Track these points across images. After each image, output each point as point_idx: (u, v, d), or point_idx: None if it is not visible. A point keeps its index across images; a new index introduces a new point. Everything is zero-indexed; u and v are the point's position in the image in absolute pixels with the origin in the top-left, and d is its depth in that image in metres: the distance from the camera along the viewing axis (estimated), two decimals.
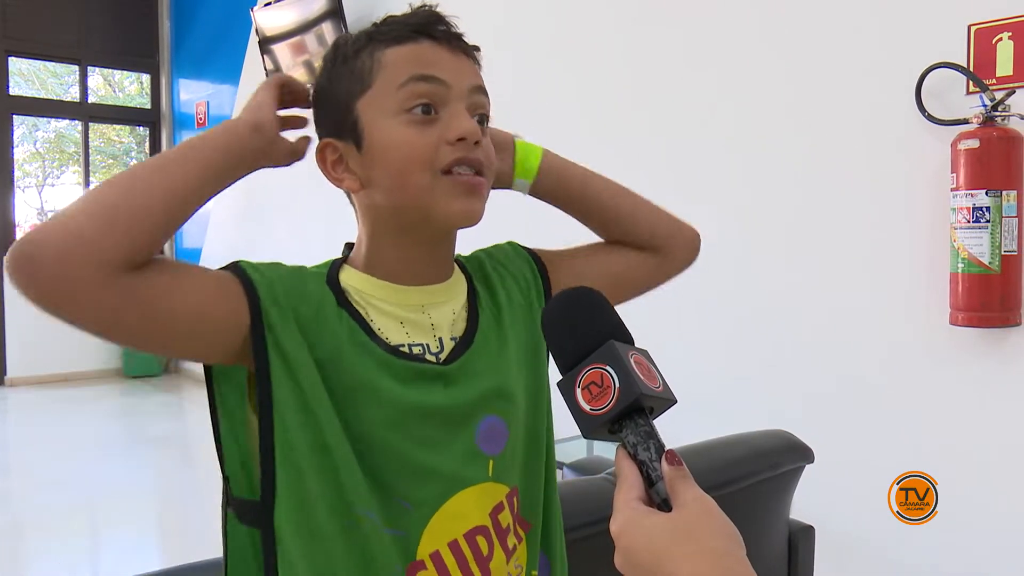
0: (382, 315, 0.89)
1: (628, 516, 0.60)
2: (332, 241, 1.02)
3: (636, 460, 0.63)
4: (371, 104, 0.86)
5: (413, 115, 0.84)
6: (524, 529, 0.95)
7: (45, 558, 3.49)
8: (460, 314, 0.94)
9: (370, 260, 0.91)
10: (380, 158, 0.86)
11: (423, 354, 0.88)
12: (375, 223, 0.91)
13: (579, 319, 0.69)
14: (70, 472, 4.48)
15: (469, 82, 0.87)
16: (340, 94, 0.89)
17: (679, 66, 3.25)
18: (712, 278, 3.11)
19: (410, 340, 0.88)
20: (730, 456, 1.70)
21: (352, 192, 0.91)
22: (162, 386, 6.88)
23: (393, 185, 0.86)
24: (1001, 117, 2.28)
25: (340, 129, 0.89)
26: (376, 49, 0.87)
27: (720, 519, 0.59)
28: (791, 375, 2.85)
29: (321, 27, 5.07)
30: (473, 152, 0.85)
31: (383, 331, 0.87)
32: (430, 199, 0.85)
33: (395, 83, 0.85)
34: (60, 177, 8.04)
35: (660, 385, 0.66)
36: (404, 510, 0.85)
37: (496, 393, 0.92)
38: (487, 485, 0.90)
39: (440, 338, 0.90)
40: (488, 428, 0.90)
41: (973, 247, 2.28)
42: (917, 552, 2.47)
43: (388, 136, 0.85)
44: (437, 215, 0.86)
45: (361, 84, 0.87)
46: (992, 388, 2.38)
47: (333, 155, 0.90)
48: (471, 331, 0.93)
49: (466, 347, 0.91)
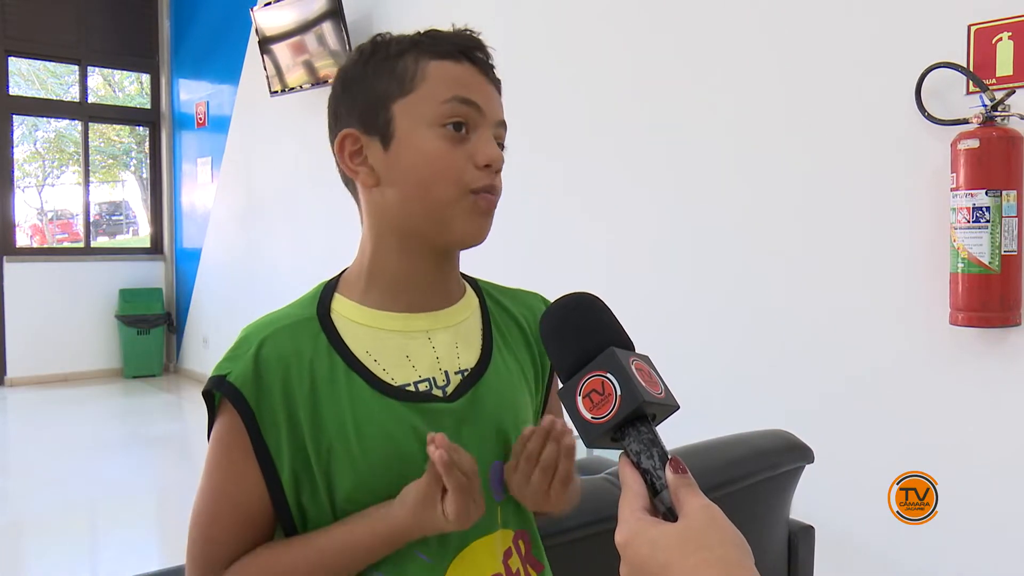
0: (386, 350, 0.89)
1: (633, 527, 0.58)
2: (332, 241, 1.03)
3: (640, 468, 0.62)
4: (409, 109, 0.88)
5: (447, 130, 0.87)
6: (537, 570, 0.95)
7: (45, 558, 3.49)
8: (469, 340, 0.94)
9: (372, 272, 0.91)
10: (408, 162, 0.88)
11: (430, 390, 0.89)
12: (381, 222, 0.91)
13: (579, 325, 0.69)
14: (70, 472, 4.48)
15: (498, 115, 0.92)
16: (377, 90, 0.90)
17: (679, 66, 3.24)
18: (712, 278, 3.11)
19: (417, 375, 0.89)
20: (730, 456, 1.70)
21: (364, 186, 0.91)
22: (162, 386, 6.87)
23: (414, 190, 0.88)
24: (1001, 117, 2.27)
25: (368, 123, 0.90)
26: (421, 57, 0.89)
27: (728, 528, 0.57)
28: (791, 375, 2.85)
29: (321, 27, 5.07)
30: (495, 179, 0.90)
31: (387, 370, 0.88)
32: (450, 213, 0.88)
33: (437, 97, 0.88)
34: (60, 177, 8.04)
35: (662, 391, 0.65)
36: (424, 564, 0.86)
37: (506, 430, 0.92)
38: (498, 533, 0.91)
39: (445, 371, 0.91)
40: (495, 473, 0.91)
41: (973, 247, 2.27)
42: (917, 552, 2.47)
43: (421, 144, 0.87)
44: (453, 229, 0.88)
45: (401, 87, 0.89)
46: (992, 388, 2.38)
47: (353, 146, 0.91)
48: (484, 359, 0.94)
49: (476, 378, 0.92)
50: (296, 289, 0.99)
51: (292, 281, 5.49)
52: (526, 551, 0.94)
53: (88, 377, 6.97)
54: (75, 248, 7.43)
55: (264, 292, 5.92)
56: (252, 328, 0.89)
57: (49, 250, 7.56)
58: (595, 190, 3.58)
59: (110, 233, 8.31)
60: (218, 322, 6.74)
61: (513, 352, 0.98)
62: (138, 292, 7.16)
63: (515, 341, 0.99)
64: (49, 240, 7.90)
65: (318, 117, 2.96)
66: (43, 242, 7.83)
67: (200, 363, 6.99)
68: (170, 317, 7.32)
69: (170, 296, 7.43)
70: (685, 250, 3.21)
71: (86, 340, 7.00)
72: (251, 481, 0.85)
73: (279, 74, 5.44)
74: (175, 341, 7.41)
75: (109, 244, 8.09)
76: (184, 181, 7.29)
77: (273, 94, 5.52)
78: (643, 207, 3.37)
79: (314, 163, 5.39)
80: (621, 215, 3.46)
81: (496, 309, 1.00)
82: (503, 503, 0.92)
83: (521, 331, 1.01)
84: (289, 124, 5.66)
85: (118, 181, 8.31)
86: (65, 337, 6.88)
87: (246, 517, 0.86)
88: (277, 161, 5.90)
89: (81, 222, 7.39)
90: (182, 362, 7.35)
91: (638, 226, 3.39)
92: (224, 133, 6.55)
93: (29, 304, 6.74)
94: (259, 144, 6.11)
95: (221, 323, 6.67)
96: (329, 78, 5.06)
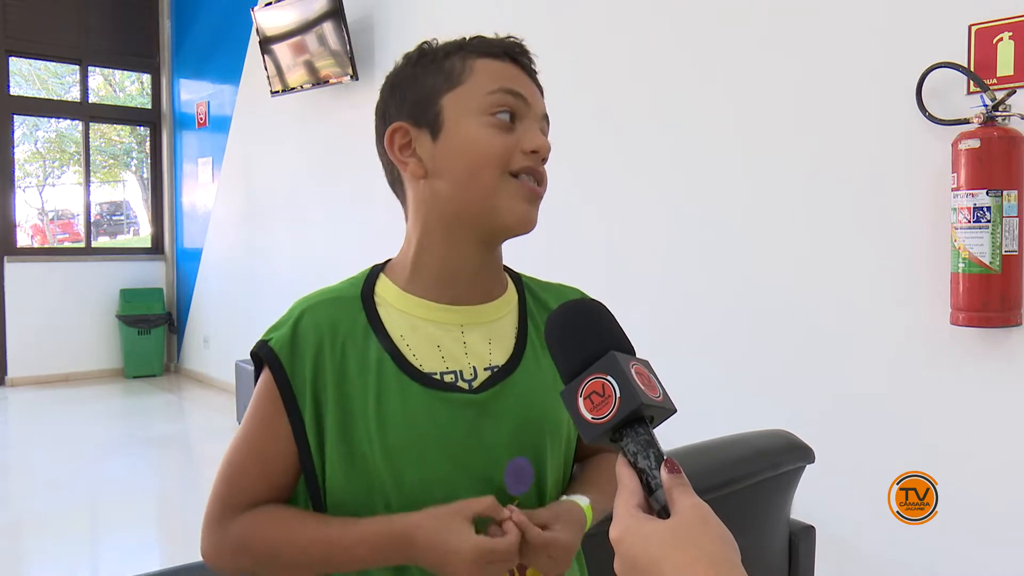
0: (419, 337, 0.92)
1: (627, 523, 0.61)
2: (332, 241, 1.03)
3: (636, 468, 0.64)
4: (457, 101, 0.92)
5: (496, 119, 0.91)
6: None
7: (45, 558, 3.49)
8: (503, 337, 0.96)
9: (415, 267, 0.94)
10: (456, 150, 0.91)
11: (455, 382, 0.91)
12: (429, 215, 0.93)
13: (582, 330, 0.71)
14: (70, 472, 4.49)
15: (542, 110, 0.96)
16: (426, 85, 0.93)
17: (683, 67, 3.25)
18: (712, 278, 3.11)
19: (445, 367, 0.91)
20: (731, 456, 1.70)
21: (414, 177, 0.94)
22: (163, 386, 6.88)
23: (462, 178, 0.91)
24: (1002, 117, 2.27)
25: (418, 116, 0.93)
26: (468, 56, 0.93)
27: (716, 526, 0.60)
28: (791, 375, 2.85)
29: (321, 27, 5.07)
30: (540, 166, 0.93)
31: (418, 357, 0.91)
32: (495, 197, 0.90)
33: (485, 88, 0.91)
34: (61, 177, 8.05)
35: (660, 395, 0.67)
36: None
37: (531, 428, 0.93)
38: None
39: (474, 366, 0.93)
40: (516, 468, 0.93)
41: (974, 247, 2.27)
42: (917, 552, 2.47)
43: (469, 132, 0.91)
44: (499, 213, 0.91)
45: (450, 82, 0.92)
46: (992, 388, 2.38)
47: (403, 139, 0.94)
48: (517, 356, 0.95)
49: (506, 374, 0.93)
50: (297, 289, 1.00)
51: (293, 281, 5.49)
52: None
53: (89, 377, 6.98)
54: (76, 248, 7.44)
55: (265, 292, 5.92)
56: (301, 300, 0.95)
57: (50, 250, 7.56)
58: (601, 191, 3.58)
59: (111, 233, 8.32)
60: (219, 322, 6.74)
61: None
62: (139, 292, 7.17)
63: None
64: (50, 240, 7.91)
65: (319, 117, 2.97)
66: (44, 242, 7.83)
67: (201, 363, 6.99)
68: (171, 317, 7.33)
69: (171, 296, 7.43)
70: (689, 251, 3.21)
71: (87, 340, 7.01)
72: (279, 437, 0.91)
73: (280, 74, 5.45)
74: (176, 341, 7.42)
75: (110, 244, 8.10)
76: (185, 181, 7.29)
77: (274, 94, 5.53)
78: (649, 209, 3.38)
79: (315, 163, 5.40)
80: (627, 216, 3.47)
81: (535, 305, 1.02)
82: (521, 498, 0.93)
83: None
84: (290, 124, 5.66)
85: (119, 181, 8.32)
86: (66, 337, 6.89)
87: (270, 470, 0.92)
88: (278, 161, 5.90)
89: (82, 222, 7.40)
90: (183, 362, 7.36)
91: (644, 227, 3.39)
92: (225, 133, 6.55)
93: (30, 304, 6.74)
94: (260, 144, 6.12)
95: (222, 323, 6.67)
96: (330, 78, 5.09)
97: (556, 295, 1.05)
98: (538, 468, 0.94)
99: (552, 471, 0.96)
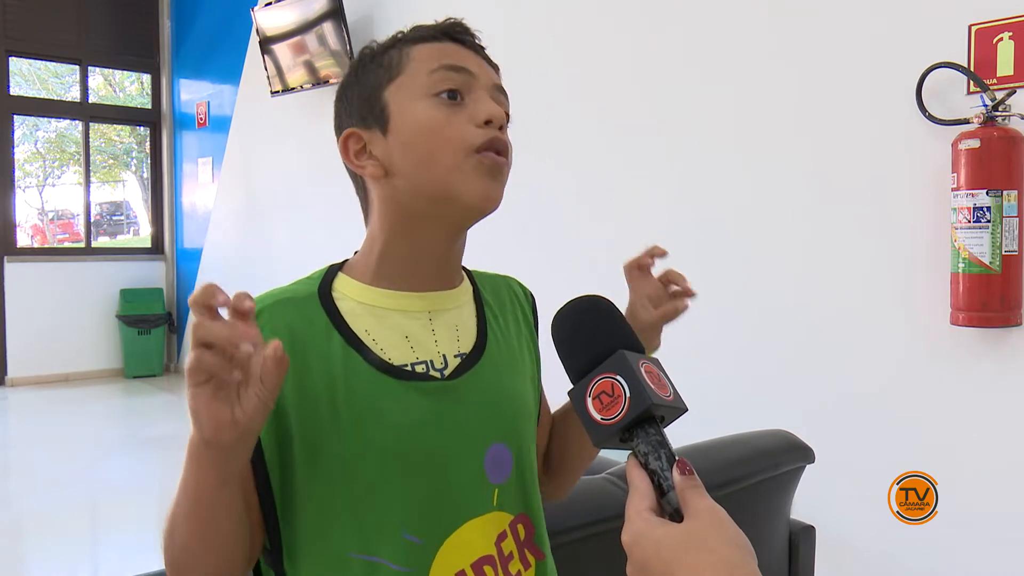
0: (385, 329, 0.88)
1: (640, 527, 0.59)
2: (332, 241, 1.03)
3: (647, 470, 0.62)
4: (399, 89, 0.89)
5: (441, 99, 0.87)
6: (537, 557, 0.94)
7: (45, 558, 3.49)
8: (467, 324, 0.94)
9: (381, 260, 0.91)
10: (407, 140, 0.88)
11: (427, 372, 0.88)
12: (392, 214, 0.90)
13: (590, 327, 0.69)
14: (70, 472, 4.49)
15: (492, 80, 0.92)
16: (367, 85, 0.91)
17: (682, 67, 3.25)
18: (712, 278, 3.11)
19: (415, 357, 0.88)
20: (731, 456, 1.70)
21: (374, 179, 0.91)
22: (163, 386, 6.88)
23: (419, 166, 0.87)
24: (1002, 117, 2.28)
25: (366, 116, 0.91)
26: (405, 46, 0.91)
27: (732, 530, 0.58)
28: (791, 375, 2.85)
29: (321, 27, 5.07)
30: (499, 135, 0.88)
31: (385, 350, 0.87)
32: (457, 178, 0.86)
33: (425, 70, 0.88)
34: (61, 177, 8.05)
35: (671, 394, 0.65)
36: (414, 545, 0.85)
37: (505, 413, 0.92)
38: (492, 514, 0.90)
39: (444, 354, 0.90)
40: (494, 455, 0.90)
41: (974, 247, 2.27)
42: (917, 552, 2.47)
43: (416, 117, 0.87)
44: (459, 195, 0.86)
45: (390, 73, 0.90)
46: (992, 388, 2.38)
47: (356, 144, 0.91)
48: (480, 344, 0.93)
49: (475, 361, 0.91)
50: None
51: (292, 280, 5.48)
52: (526, 536, 0.93)
53: (89, 377, 6.98)
54: (76, 248, 7.43)
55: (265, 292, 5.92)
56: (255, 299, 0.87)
57: (50, 250, 7.56)
58: (600, 191, 3.58)
59: (111, 233, 8.32)
60: None
61: (508, 336, 0.98)
62: (139, 292, 7.17)
63: (508, 325, 0.99)
64: (50, 240, 7.91)
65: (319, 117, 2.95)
66: (44, 242, 7.83)
67: None
68: (171, 317, 7.33)
69: (171, 296, 7.43)
70: (689, 251, 3.20)
71: (87, 340, 7.00)
72: None
73: (280, 74, 5.45)
74: (176, 341, 7.42)
75: (110, 244, 8.10)
76: (185, 181, 7.29)
77: (274, 94, 5.53)
78: (648, 209, 3.37)
79: (315, 163, 5.39)
80: (626, 216, 3.46)
81: (488, 294, 1.00)
82: (502, 486, 0.91)
83: (513, 314, 1.01)
84: (290, 124, 5.66)
85: (119, 181, 8.32)
86: (66, 337, 6.89)
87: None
88: (278, 161, 5.90)
89: (82, 222, 7.40)
90: (183, 362, 7.33)
91: (643, 227, 3.39)
92: (225, 133, 6.55)
93: (30, 304, 6.74)
94: (260, 144, 6.11)
95: None
96: (330, 78, 5.08)
97: (498, 282, 1.04)
98: (517, 454, 0.92)
99: (530, 456, 0.95)
